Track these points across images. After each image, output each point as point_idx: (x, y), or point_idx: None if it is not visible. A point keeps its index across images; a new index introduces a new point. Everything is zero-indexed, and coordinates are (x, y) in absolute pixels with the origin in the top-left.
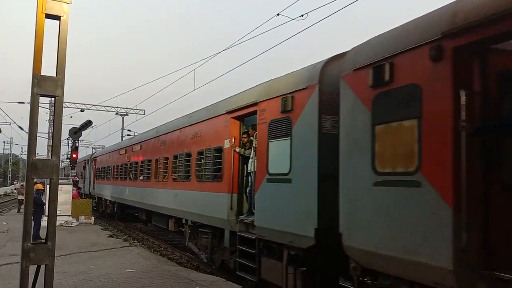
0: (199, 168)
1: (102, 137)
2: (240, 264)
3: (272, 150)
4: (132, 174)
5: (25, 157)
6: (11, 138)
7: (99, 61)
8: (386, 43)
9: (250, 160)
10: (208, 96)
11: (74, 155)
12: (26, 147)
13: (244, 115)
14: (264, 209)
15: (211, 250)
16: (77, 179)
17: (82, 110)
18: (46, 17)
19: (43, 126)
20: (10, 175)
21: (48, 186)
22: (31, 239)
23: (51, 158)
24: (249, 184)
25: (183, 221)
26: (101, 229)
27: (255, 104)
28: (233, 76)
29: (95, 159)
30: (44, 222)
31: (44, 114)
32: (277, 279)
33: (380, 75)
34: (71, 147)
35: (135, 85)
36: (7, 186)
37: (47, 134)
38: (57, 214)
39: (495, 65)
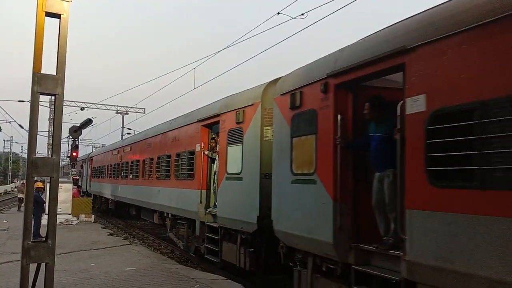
0: (177, 168)
1: (102, 136)
2: (208, 249)
3: (229, 153)
4: (123, 173)
5: (25, 155)
6: (11, 136)
7: (100, 60)
8: (299, 77)
9: (216, 161)
10: (208, 95)
11: (74, 154)
12: (26, 145)
13: (212, 124)
14: (223, 202)
15: (186, 239)
16: (77, 177)
17: (82, 109)
18: (46, 15)
19: (44, 124)
20: (10, 174)
21: (48, 184)
22: (32, 237)
23: (51, 156)
24: (215, 181)
25: (165, 214)
26: (101, 228)
27: (217, 115)
28: (234, 74)
29: (92, 159)
30: (44, 220)
31: (44, 113)
32: (233, 259)
33: (295, 100)
34: (71, 146)
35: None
36: (7, 184)
37: (47, 132)
38: (57, 213)
39: (363, 96)
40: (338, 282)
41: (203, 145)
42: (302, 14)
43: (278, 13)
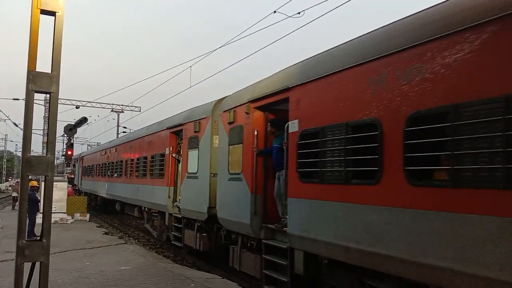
0: (151, 168)
1: (98, 134)
2: (174, 236)
3: (189, 156)
4: (109, 172)
5: (20, 153)
6: (6, 134)
7: (95, 58)
8: (233, 99)
9: (180, 163)
10: (204, 93)
11: (69, 152)
12: (21, 143)
13: (178, 131)
14: (185, 196)
15: (159, 229)
16: (72, 176)
17: (77, 107)
18: (41, 13)
19: (39, 122)
20: (4, 172)
21: (43, 183)
22: (26, 236)
23: (46, 154)
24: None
25: (143, 208)
26: (97, 226)
27: (181, 124)
28: (230, 72)
29: (83, 158)
30: (39, 219)
31: (39, 111)
32: (191, 242)
33: (231, 117)
34: (66, 144)
35: (131, 82)
36: (1, 183)
37: (42, 130)
38: (52, 211)
39: (271, 116)
40: (255, 253)
41: (171, 149)
42: (299, 13)
43: (275, 12)
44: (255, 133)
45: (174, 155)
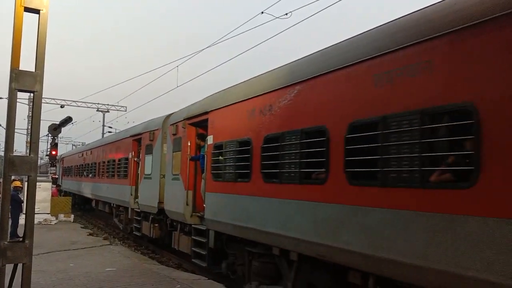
0: (118, 169)
1: (83, 134)
2: (135, 227)
3: (146, 160)
4: (85, 172)
5: (2, 153)
6: None
7: (81, 57)
8: (177, 115)
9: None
10: (191, 93)
11: (53, 152)
12: (4, 143)
13: (138, 139)
14: (142, 194)
15: (125, 222)
16: (57, 176)
17: (62, 106)
18: (25, 11)
19: (22, 122)
20: None
21: (26, 183)
22: (8, 238)
23: (29, 154)
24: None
25: (112, 204)
26: (81, 227)
27: (140, 134)
28: (217, 72)
29: (63, 159)
30: (22, 220)
31: (23, 110)
32: (147, 232)
33: (174, 130)
34: (50, 144)
35: (117, 81)
36: None
37: (26, 130)
38: (36, 212)
39: (201, 131)
40: (188, 236)
41: (133, 153)
42: (286, 14)
43: (262, 13)
44: (189, 143)
45: (135, 158)
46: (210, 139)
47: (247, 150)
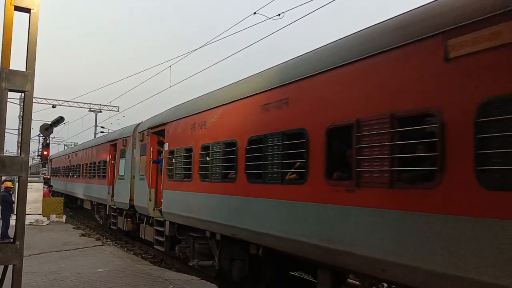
0: (98, 171)
1: (75, 134)
2: (112, 222)
3: (120, 163)
4: (71, 173)
5: None
6: None
7: (73, 57)
8: (143, 125)
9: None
10: (184, 93)
11: (45, 152)
12: None
13: (114, 144)
14: (117, 192)
15: (104, 218)
16: (49, 176)
17: (54, 106)
18: (15, 10)
19: (14, 121)
20: None
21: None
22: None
23: (20, 155)
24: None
25: (93, 202)
26: (73, 228)
27: (116, 140)
28: (210, 72)
29: (51, 160)
30: (13, 221)
31: (15, 110)
32: (121, 225)
33: (141, 137)
34: (42, 144)
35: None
36: None
37: (17, 130)
38: (27, 213)
39: (161, 139)
40: (152, 226)
41: (110, 156)
42: (279, 15)
43: (255, 13)
44: (151, 149)
45: (112, 161)
46: (166, 146)
47: (190, 156)
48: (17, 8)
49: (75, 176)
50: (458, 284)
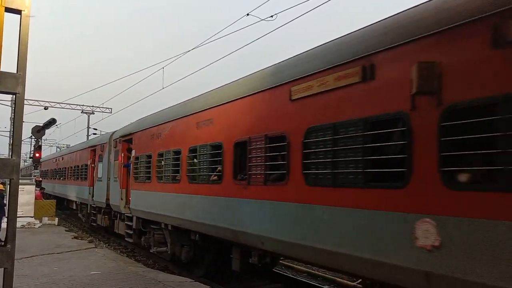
0: (80, 173)
1: (67, 136)
2: (92, 219)
3: (99, 167)
4: (58, 175)
5: None
6: None
7: (65, 59)
8: (117, 133)
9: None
10: (177, 95)
11: (37, 155)
12: None
13: (94, 149)
14: (96, 193)
15: (87, 216)
16: (41, 179)
17: (46, 108)
18: (6, 11)
19: (5, 123)
20: None
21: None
22: None
23: (11, 157)
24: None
25: (77, 202)
26: (66, 231)
27: (95, 146)
28: (203, 73)
29: (41, 163)
30: (4, 223)
31: (7, 112)
32: (100, 222)
33: (115, 144)
34: (34, 146)
35: (102, 83)
36: None
37: (8, 132)
38: (19, 215)
39: (130, 146)
40: (124, 222)
41: (91, 161)
42: (271, 16)
43: (247, 15)
44: (122, 155)
45: (92, 165)
46: (133, 152)
47: (150, 161)
48: (8, 10)
49: (62, 178)
50: (303, 251)
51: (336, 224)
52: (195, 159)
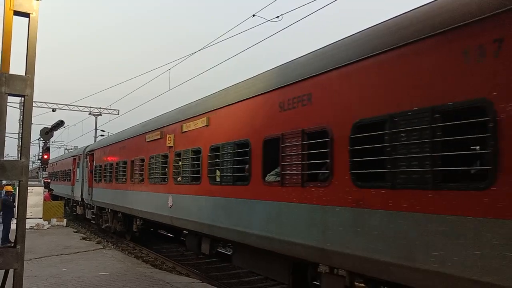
0: (66, 176)
1: (75, 138)
2: (73, 210)
3: (77, 171)
4: (53, 177)
5: None
6: None
7: (73, 61)
8: (88, 148)
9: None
10: (184, 96)
11: (45, 156)
12: None
13: (75, 158)
14: (75, 190)
15: (70, 208)
16: (49, 180)
17: (54, 110)
18: (14, 14)
19: (14, 126)
20: None
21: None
22: (0, 243)
23: (20, 159)
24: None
25: (64, 198)
26: (74, 232)
27: (75, 156)
28: (209, 74)
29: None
30: (14, 225)
31: (15, 114)
32: (78, 211)
33: (86, 156)
34: (42, 148)
35: (109, 85)
36: None
37: (17, 134)
38: (28, 217)
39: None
40: (90, 210)
41: (73, 167)
42: (277, 17)
43: (253, 16)
44: (89, 164)
45: (74, 170)
46: (94, 162)
47: (100, 168)
48: (17, 13)
49: (55, 179)
50: (224, 231)
51: None
52: (122, 168)
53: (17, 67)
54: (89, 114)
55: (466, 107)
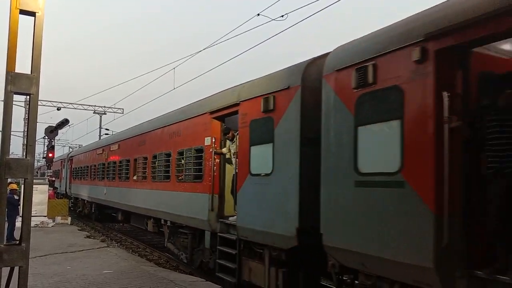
0: (57, 174)
1: (80, 136)
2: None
3: (63, 171)
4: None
5: None
6: None
7: (78, 60)
8: (70, 154)
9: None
10: (188, 95)
11: (50, 154)
12: None
13: (61, 161)
14: (61, 186)
15: (82, 206)
16: (54, 178)
17: (59, 109)
18: (20, 13)
19: (19, 124)
20: None
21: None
22: (5, 240)
23: (26, 157)
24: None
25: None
26: (78, 230)
27: (62, 159)
28: (213, 74)
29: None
30: (18, 223)
31: (20, 112)
32: (74, 207)
33: (69, 159)
34: (47, 146)
35: (114, 83)
36: None
37: (22, 132)
38: (33, 215)
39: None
40: (78, 202)
41: (61, 167)
42: (282, 16)
43: (258, 15)
44: (70, 166)
45: (62, 169)
46: (74, 165)
47: (79, 170)
48: (22, 12)
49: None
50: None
51: None
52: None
53: (22, 65)
54: (93, 113)
55: None
